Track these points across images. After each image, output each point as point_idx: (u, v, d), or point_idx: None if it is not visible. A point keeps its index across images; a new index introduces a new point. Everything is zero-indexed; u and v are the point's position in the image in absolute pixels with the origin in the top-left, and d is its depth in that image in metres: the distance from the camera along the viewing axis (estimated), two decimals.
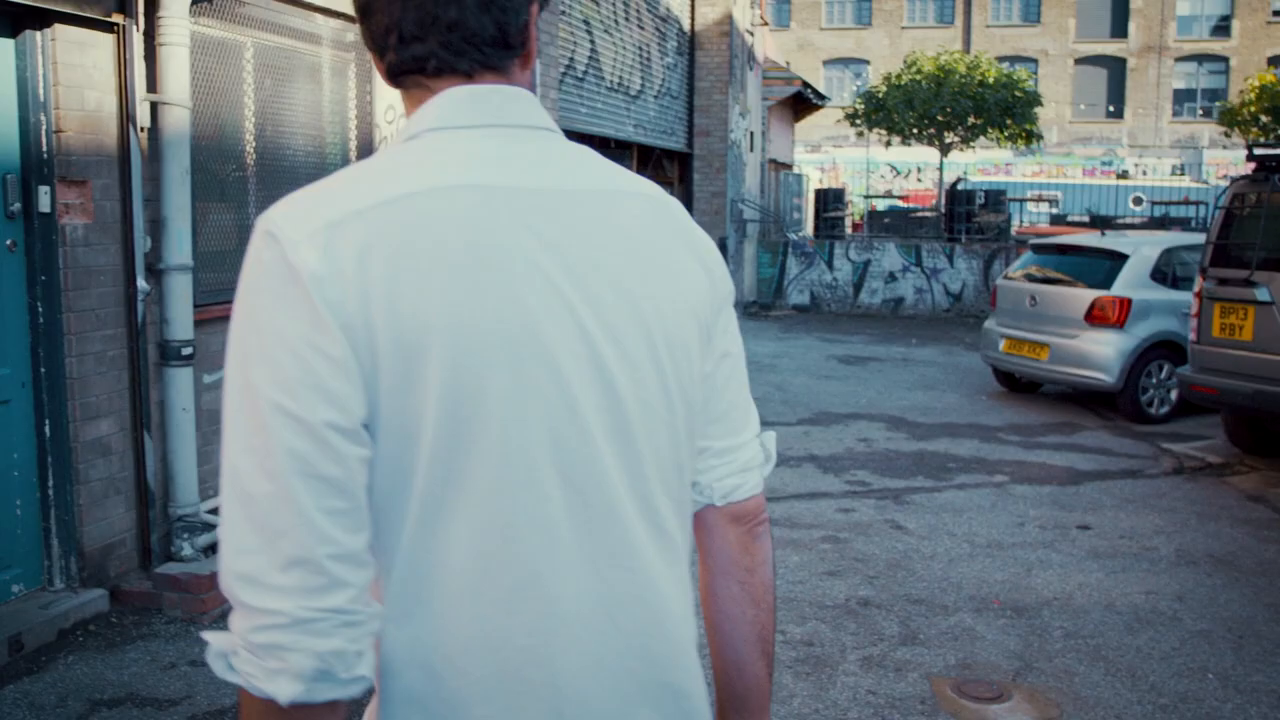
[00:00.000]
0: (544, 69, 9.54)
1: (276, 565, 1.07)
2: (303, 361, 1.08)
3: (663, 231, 1.27)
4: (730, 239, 17.37)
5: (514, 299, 1.14)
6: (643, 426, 1.21)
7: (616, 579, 1.20)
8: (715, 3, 17.08)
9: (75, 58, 4.63)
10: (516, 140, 1.22)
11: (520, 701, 1.16)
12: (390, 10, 1.19)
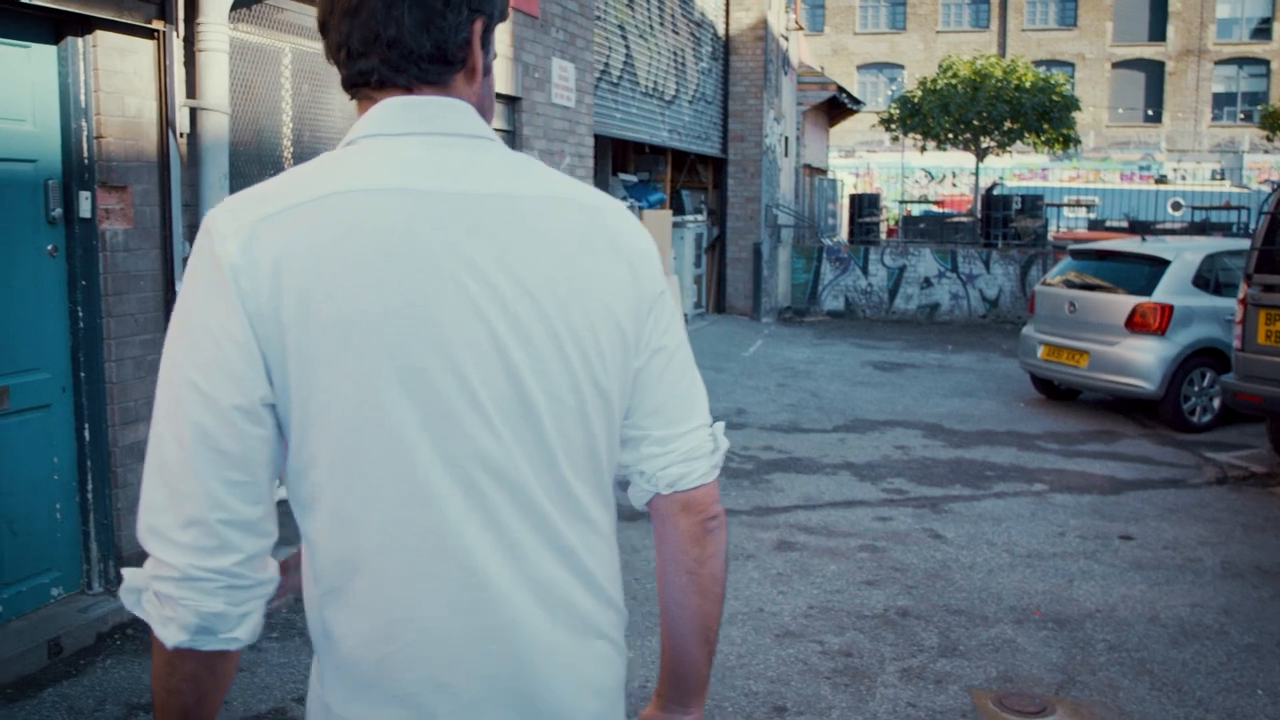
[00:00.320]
0: (579, 74, 9.54)
1: (178, 523, 1.21)
2: (217, 345, 1.20)
3: (587, 235, 1.33)
4: (765, 244, 17.31)
5: (416, 295, 1.22)
6: (550, 415, 1.29)
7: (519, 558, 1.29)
8: (750, 7, 17.04)
9: (116, 64, 4.65)
10: (445, 147, 1.30)
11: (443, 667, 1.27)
12: (340, 28, 1.30)
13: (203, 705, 1.30)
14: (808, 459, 8.37)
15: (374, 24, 1.28)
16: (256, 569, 1.25)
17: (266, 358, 1.21)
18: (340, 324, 1.20)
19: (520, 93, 8.36)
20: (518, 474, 1.28)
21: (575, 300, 1.30)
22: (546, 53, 8.84)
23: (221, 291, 1.20)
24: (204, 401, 1.20)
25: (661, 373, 1.41)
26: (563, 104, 9.21)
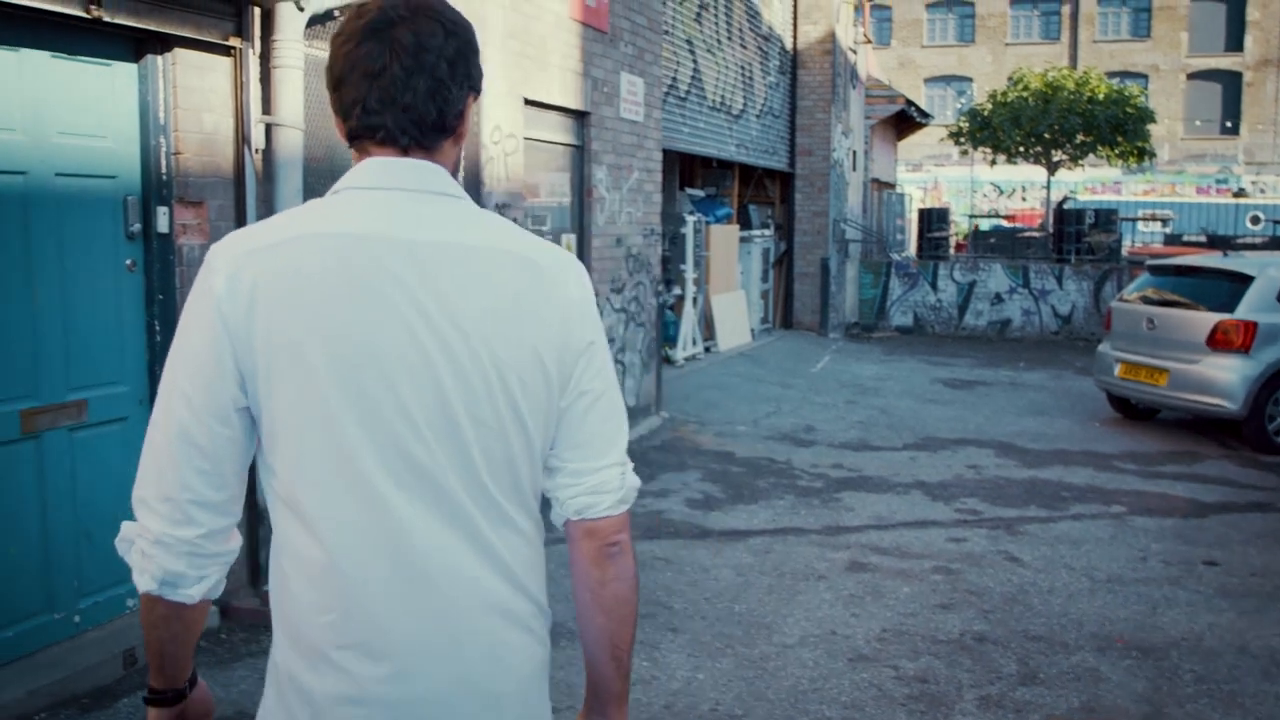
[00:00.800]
0: (647, 89, 9.52)
1: (156, 497, 1.50)
2: (200, 360, 1.47)
3: (524, 286, 1.54)
4: (832, 259, 17.15)
5: (363, 322, 1.46)
6: (473, 431, 1.50)
7: (444, 554, 1.50)
8: (817, 21, 16.94)
9: (194, 81, 4.71)
10: (410, 201, 1.53)
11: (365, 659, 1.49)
12: (360, 87, 1.52)
13: (175, 643, 1.60)
14: (878, 477, 8.24)
15: (394, 89, 1.51)
16: (216, 542, 1.53)
17: (241, 372, 1.48)
18: (298, 343, 1.46)
19: (589, 107, 8.36)
20: (443, 478, 1.50)
21: (503, 339, 1.51)
22: (615, 67, 8.83)
23: (209, 317, 1.47)
24: (186, 404, 1.48)
25: (585, 413, 1.61)
26: (631, 118, 9.19)
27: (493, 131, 6.92)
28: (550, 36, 7.68)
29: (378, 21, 1.53)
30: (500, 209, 7.05)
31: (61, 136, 4.24)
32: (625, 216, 9.18)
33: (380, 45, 1.52)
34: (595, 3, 8.37)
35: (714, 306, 14.15)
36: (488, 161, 6.87)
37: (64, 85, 4.25)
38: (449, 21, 1.57)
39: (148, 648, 1.63)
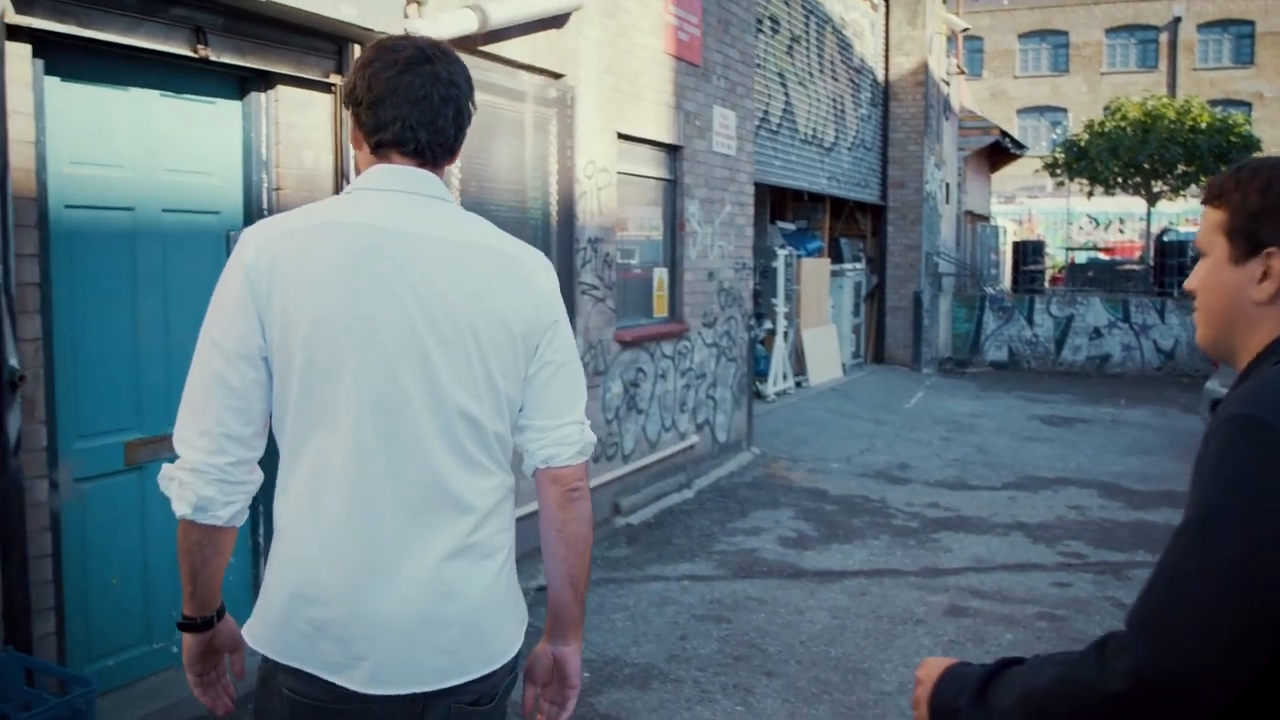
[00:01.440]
0: (740, 122, 9.47)
1: (195, 433, 1.80)
2: (231, 315, 1.79)
3: (503, 274, 1.88)
4: (925, 293, 16.88)
5: (361, 298, 1.78)
6: (451, 391, 1.81)
7: (421, 486, 1.81)
8: (910, 53, 16.78)
9: (295, 118, 4.77)
10: (409, 201, 1.86)
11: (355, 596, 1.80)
12: (402, 108, 1.84)
13: (207, 566, 1.89)
14: (976, 518, 8.01)
15: (430, 113, 1.86)
16: (242, 472, 1.83)
17: (264, 324, 1.79)
18: (308, 313, 1.77)
19: (682, 141, 8.33)
20: (428, 440, 1.82)
21: (480, 313, 1.84)
22: (708, 101, 8.80)
23: (239, 281, 1.80)
24: (219, 351, 1.80)
25: (549, 380, 1.94)
26: (723, 152, 9.15)
27: (586, 165, 6.92)
28: (644, 71, 7.68)
29: (416, 57, 1.86)
30: (593, 243, 7.04)
31: (169, 173, 4.32)
32: (717, 250, 9.12)
33: (420, 77, 1.85)
34: (688, 37, 8.36)
35: (805, 341, 13.99)
36: (581, 196, 6.87)
37: (171, 123, 4.33)
38: (464, 67, 1.94)
39: (182, 575, 1.91)
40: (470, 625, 1.84)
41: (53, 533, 3.88)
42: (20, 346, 3.69)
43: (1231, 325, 1.56)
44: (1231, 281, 1.54)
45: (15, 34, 3.63)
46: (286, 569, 1.85)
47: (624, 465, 7.67)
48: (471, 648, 1.85)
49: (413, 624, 1.80)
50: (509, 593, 1.94)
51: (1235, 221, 1.53)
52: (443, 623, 1.82)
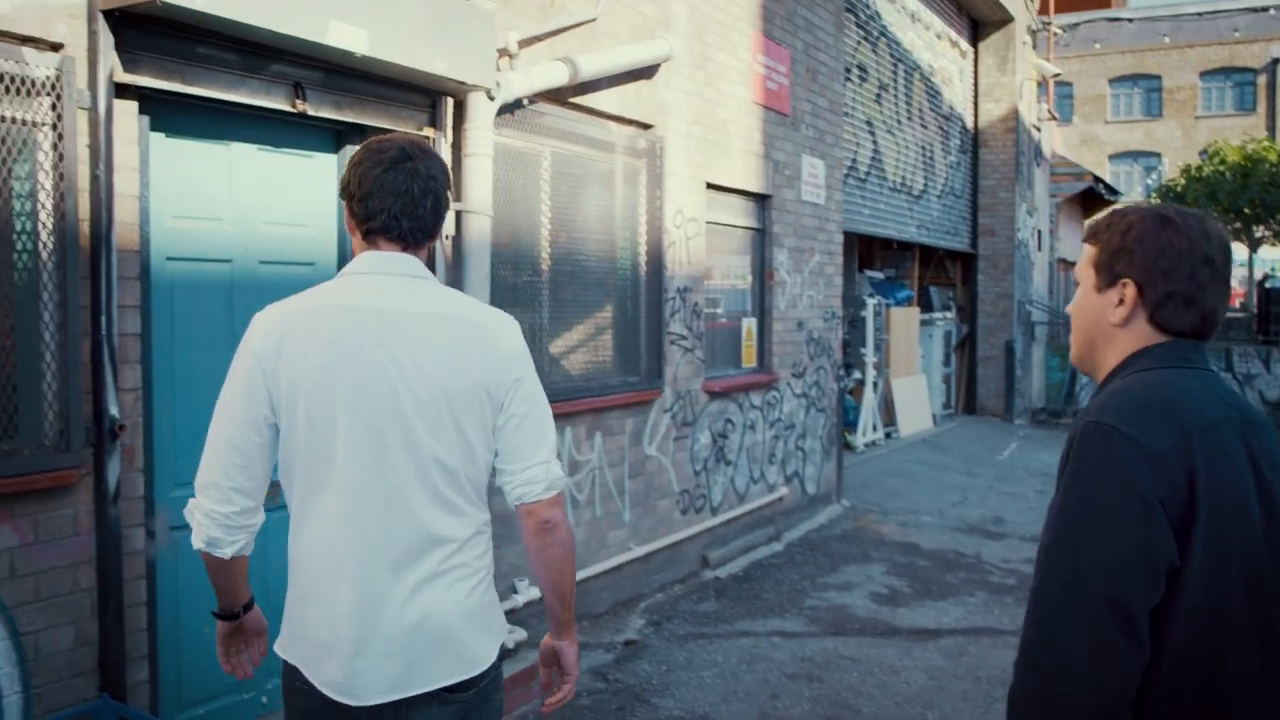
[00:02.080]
0: (828, 170, 9.40)
1: (208, 483, 2.20)
2: (240, 388, 2.19)
3: (467, 339, 2.19)
4: (1017, 342, 16.53)
5: (351, 369, 2.13)
6: (426, 442, 2.14)
7: (401, 522, 2.14)
8: (999, 99, 16.57)
9: None
10: (391, 282, 2.20)
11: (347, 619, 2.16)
12: (385, 200, 2.19)
13: (226, 581, 2.37)
14: None
15: (412, 204, 2.20)
16: (244, 518, 2.23)
17: (271, 395, 2.17)
18: (308, 381, 2.14)
19: (771, 190, 8.28)
20: (407, 487, 2.15)
21: (452, 375, 2.16)
22: (796, 150, 8.75)
23: (248, 361, 2.19)
24: (230, 418, 2.19)
25: (515, 430, 2.23)
26: (812, 201, 9.07)
27: (675, 215, 6.90)
28: (732, 121, 7.66)
29: (399, 156, 2.20)
30: (681, 293, 7.00)
31: (266, 225, 4.38)
32: (806, 300, 9.02)
33: (402, 174, 2.19)
34: (777, 86, 8.34)
35: (895, 391, 13.77)
36: (669, 246, 6.84)
37: (269, 176, 4.40)
38: (442, 162, 2.28)
39: (212, 584, 2.40)
40: (445, 639, 2.17)
41: (147, 581, 3.91)
42: (120, 396, 3.75)
43: (1094, 344, 1.87)
44: (1096, 306, 1.84)
45: (122, 91, 3.73)
46: (299, 595, 2.25)
47: (712, 517, 7.57)
48: (449, 659, 2.18)
49: (397, 638, 2.15)
50: (485, 610, 2.25)
51: (1102, 256, 1.83)
52: (422, 637, 2.16)
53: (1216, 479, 1.59)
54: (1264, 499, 1.66)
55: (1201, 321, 1.78)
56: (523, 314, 5.84)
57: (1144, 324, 1.79)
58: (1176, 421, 1.61)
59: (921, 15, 14.39)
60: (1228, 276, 1.80)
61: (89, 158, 3.64)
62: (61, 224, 3.57)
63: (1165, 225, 1.76)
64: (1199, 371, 1.76)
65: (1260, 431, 1.72)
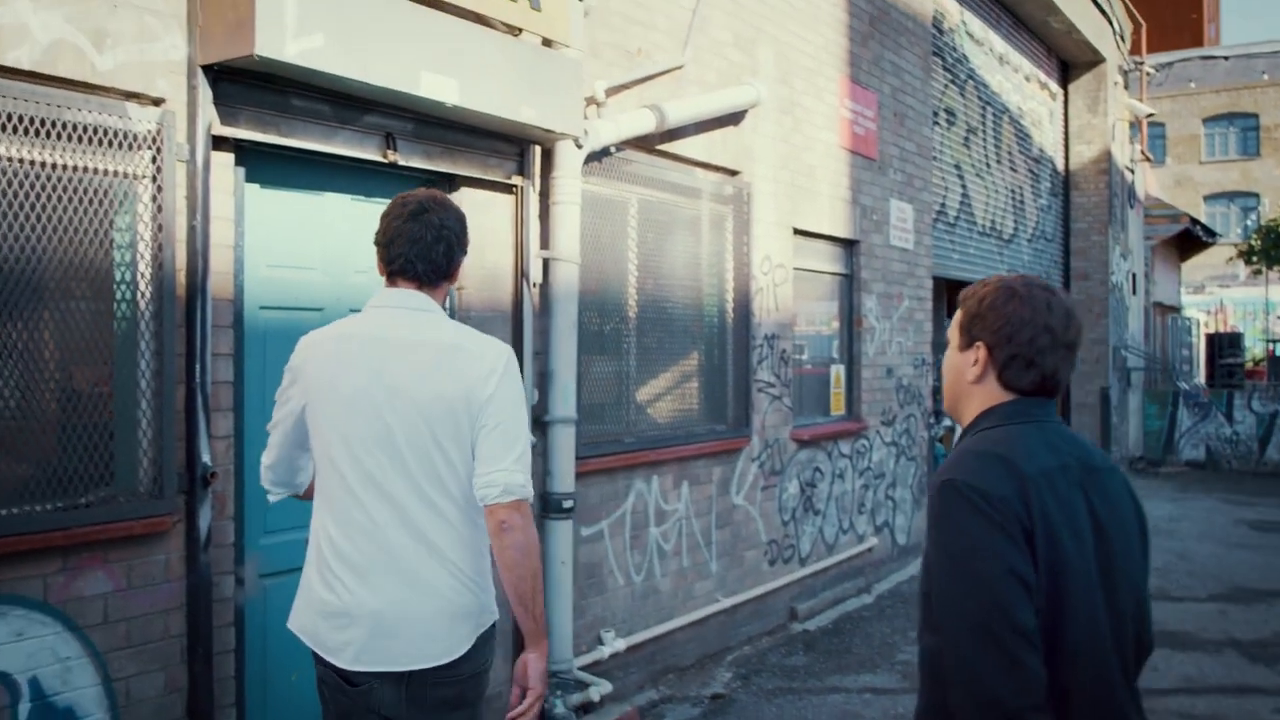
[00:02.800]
0: (916, 215, 9.27)
1: (267, 461, 2.82)
2: (283, 395, 2.72)
3: (446, 360, 2.52)
4: (1113, 389, 16.09)
5: (349, 386, 2.54)
6: (409, 452, 2.50)
7: (387, 514, 2.52)
8: (1091, 141, 16.26)
9: (478, 219, 4.83)
10: (399, 314, 2.60)
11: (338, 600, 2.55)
12: (404, 247, 2.59)
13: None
14: (1182, 632, 7.40)
15: (426, 250, 2.59)
16: (272, 482, 2.84)
17: (304, 399, 2.64)
18: (320, 396, 2.59)
19: (858, 235, 8.18)
20: (387, 482, 2.52)
21: (426, 391, 2.50)
22: (884, 194, 8.65)
23: (287, 375, 2.70)
24: (278, 415, 2.74)
25: (483, 439, 2.51)
26: (901, 245, 8.94)
27: (762, 262, 6.84)
28: (819, 166, 7.60)
29: (418, 209, 2.61)
30: (769, 340, 6.92)
31: (357, 274, 4.41)
32: (895, 346, 8.87)
33: (420, 224, 2.60)
34: (864, 131, 8.26)
35: None
36: (757, 292, 6.78)
37: (360, 225, 4.43)
38: (454, 212, 2.67)
39: None
40: (429, 628, 2.49)
41: (236, 628, 3.92)
42: (213, 443, 3.78)
43: (958, 397, 2.12)
44: (958, 364, 2.10)
45: (219, 144, 3.79)
46: (311, 571, 2.62)
47: (800, 568, 7.42)
48: (434, 643, 2.48)
49: (390, 621, 2.48)
50: (466, 604, 2.52)
51: (963, 320, 2.08)
52: (406, 621, 2.48)
53: (1049, 518, 1.86)
54: (1097, 531, 1.94)
55: (1042, 381, 2.02)
56: (609, 361, 5.81)
57: (994, 382, 2.04)
58: (1014, 472, 1.88)
59: (1010, 58, 14.21)
60: (1070, 343, 2.02)
61: (186, 209, 3.70)
62: (159, 274, 3.63)
63: (1012, 296, 2.01)
64: (1040, 425, 2.01)
65: (1097, 475, 2.00)
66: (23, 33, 3.28)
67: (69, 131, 3.41)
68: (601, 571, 5.60)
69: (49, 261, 3.41)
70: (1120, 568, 1.95)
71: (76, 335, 3.50)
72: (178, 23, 3.68)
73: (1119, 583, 1.94)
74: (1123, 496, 2.03)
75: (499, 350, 2.56)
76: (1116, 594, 1.93)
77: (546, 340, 5.13)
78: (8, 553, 3.26)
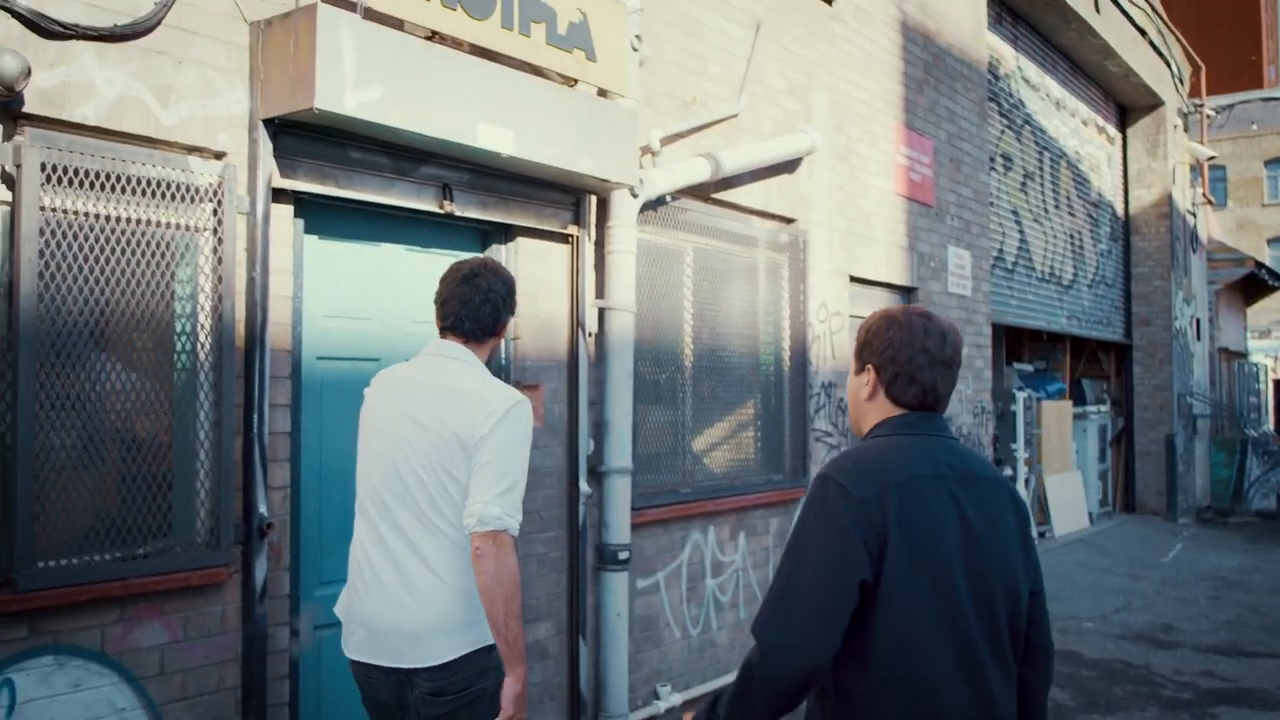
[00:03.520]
0: (974, 261, 9.16)
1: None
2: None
3: (457, 403, 2.83)
4: (1178, 436, 15.73)
5: (383, 418, 2.94)
6: (417, 478, 2.83)
7: (395, 532, 2.86)
8: (1151, 185, 16.05)
9: (533, 268, 4.84)
10: (437, 361, 2.97)
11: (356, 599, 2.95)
12: (455, 306, 2.95)
13: None
14: (1260, 690, 7.14)
15: (475, 310, 2.94)
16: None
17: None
18: (368, 425, 3.00)
19: (916, 282, 8.09)
20: (394, 507, 2.86)
21: (439, 430, 2.81)
22: (942, 241, 8.56)
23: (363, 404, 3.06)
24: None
25: (476, 473, 2.76)
26: (959, 292, 8.84)
27: (818, 309, 6.78)
28: (875, 213, 7.54)
29: (469, 274, 2.97)
30: (826, 388, 6.84)
31: (413, 324, 4.42)
32: (955, 394, 8.73)
33: (470, 287, 2.95)
34: (920, 177, 8.20)
35: (1048, 488, 13.19)
36: (813, 340, 6.71)
37: (416, 276, 4.45)
38: (503, 277, 3.01)
39: None
40: (416, 632, 2.80)
41: (290, 681, 3.89)
42: (269, 494, 3.78)
43: (858, 415, 2.43)
44: (855, 386, 2.42)
45: (279, 196, 3.82)
46: (350, 574, 2.98)
47: None
48: (419, 647, 2.79)
49: (385, 623, 2.83)
50: (457, 617, 2.79)
51: (856, 348, 2.41)
52: (398, 626, 2.81)
53: (910, 520, 2.14)
54: (966, 534, 2.19)
55: (924, 395, 2.29)
56: (664, 411, 5.77)
57: (884, 399, 2.33)
58: (880, 477, 2.16)
59: (1066, 102, 14.10)
60: (947, 361, 2.30)
61: (246, 260, 3.73)
62: (219, 325, 3.65)
63: (892, 324, 2.33)
64: (925, 437, 2.27)
65: (974, 484, 2.25)
66: (89, 89, 3.34)
67: (133, 185, 3.46)
68: (658, 624, 5.52)
69: (112, 313, 3.45)
70: (990, 566, 2.21)
71: (138, 385, 3.53)
72: (240, 77, 3.73)
73: (988, 574, 2.20)
74: (1002, 503, 2.30)
75: (504, 397, 2.84)
76: (984, 582, 2.20)
77: (602, 390, 5.10)
78: (66, 603, 3.27)
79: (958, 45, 8.97)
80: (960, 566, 2.16)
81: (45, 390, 3.28)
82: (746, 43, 6.22)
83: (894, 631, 2.12)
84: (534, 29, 4.44)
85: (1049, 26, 12.71)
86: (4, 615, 3.15)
